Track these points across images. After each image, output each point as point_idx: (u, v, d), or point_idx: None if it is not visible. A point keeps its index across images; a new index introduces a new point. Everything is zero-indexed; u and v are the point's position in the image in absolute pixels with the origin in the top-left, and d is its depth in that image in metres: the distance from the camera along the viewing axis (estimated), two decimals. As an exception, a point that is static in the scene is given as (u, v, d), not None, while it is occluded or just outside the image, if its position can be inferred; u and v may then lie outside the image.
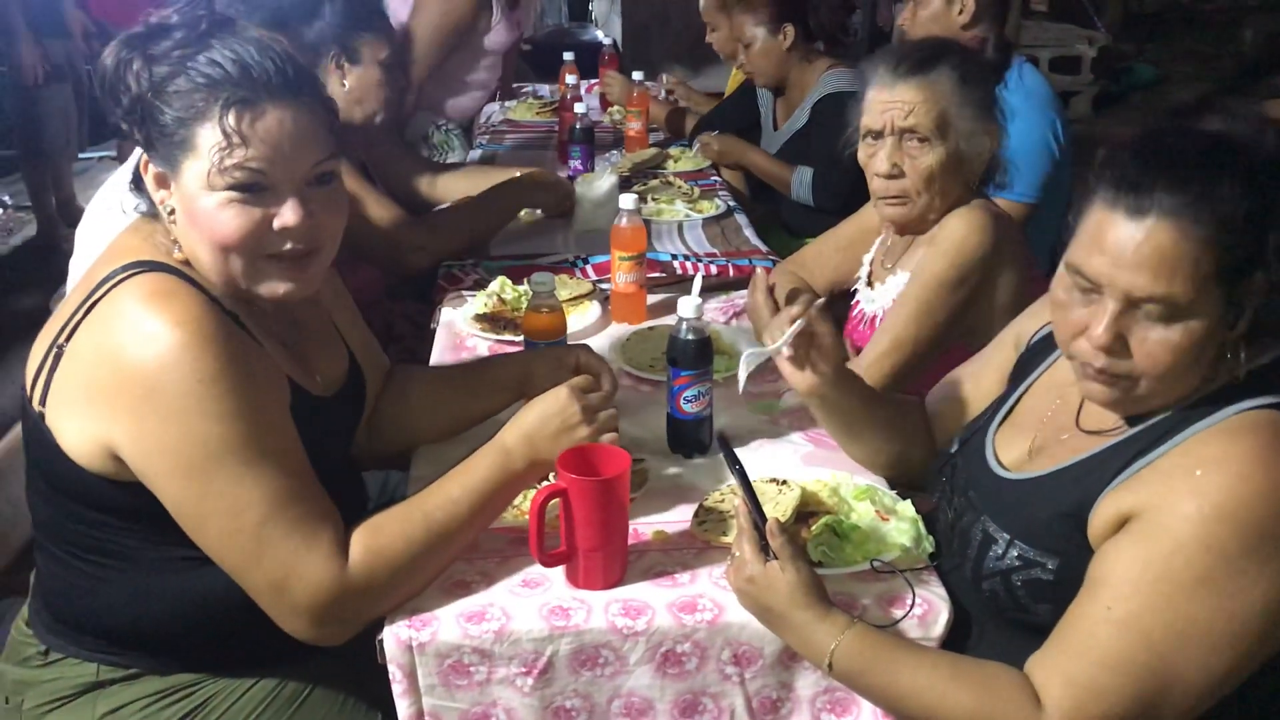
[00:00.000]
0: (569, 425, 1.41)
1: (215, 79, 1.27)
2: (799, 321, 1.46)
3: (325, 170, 1.35)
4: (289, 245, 1.33)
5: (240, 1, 2.04)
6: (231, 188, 1.28)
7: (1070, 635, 1.19)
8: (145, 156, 1.34)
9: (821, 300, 1.50)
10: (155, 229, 1.38)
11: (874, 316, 2.04)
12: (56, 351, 1.30)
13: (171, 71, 1.28)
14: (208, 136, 1.27)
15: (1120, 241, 1.16)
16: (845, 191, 3.04)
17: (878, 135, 1.90)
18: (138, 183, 1.39)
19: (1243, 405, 1.19)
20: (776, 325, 1.49)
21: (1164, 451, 1.21)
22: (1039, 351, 1.50)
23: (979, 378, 1.60)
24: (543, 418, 1.42)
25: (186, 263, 1.35)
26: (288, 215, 1.31)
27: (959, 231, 1.86)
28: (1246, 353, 1.20)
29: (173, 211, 1.33)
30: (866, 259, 2.16)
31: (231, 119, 1.26)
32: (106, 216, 1.77)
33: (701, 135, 3.41)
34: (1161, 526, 1.15)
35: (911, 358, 1.89)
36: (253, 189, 1.29)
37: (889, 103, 1.87)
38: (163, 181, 1.33)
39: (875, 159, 1.91)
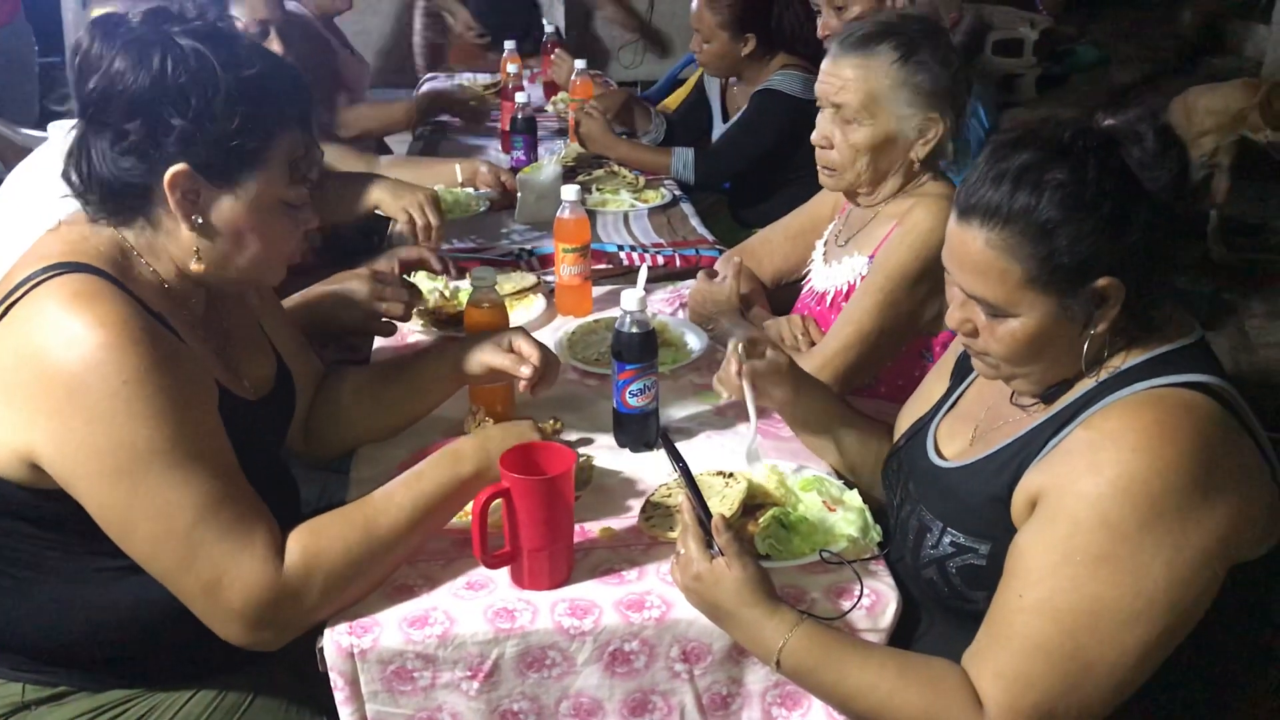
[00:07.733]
0: None
1: (283, 94, 1.32)
2: (748, 392, 1.53)
3: None
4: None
5: None
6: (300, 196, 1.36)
7: (993, 627, 1.20)
8: (176, 170, 1.26)
9: (741, 343, 1.56)
10: (91, 233, 1.31)
11: (825, 293, 2.02)
12: None
13: (231, 78, 1.26)
14: (286, 148, 1.32)
15: (952, 241, 1.25)
16: (725, 174, 3.14)
17: (819, 105, 1.93)
18: (70, 175, 1.31)
19: (1147, 383, 1.20)
20: (728, 381, 1.56)
21: (1070, 430, 1.22)
22: None
23: (934, 378, 1.59)
24: (503, 440, 1.42)
25: (114, 261, 1.29)
26: (312, 218, 1.40)
27: (924, 223, 1.84)
28: (1127, 347, 1.23)
29: (200, 222, 1.30)
30: (820, 241, 2.15)
31: (311, 129, 1.35)
32: (28, 207, 1.69)
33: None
34: (1062, 507, 1.17)
35: (874, 350, 1.87)
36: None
37: (826, 74, 1.91)
38: (192, 194, 1.29)
39: (815, 127, 1.95)
